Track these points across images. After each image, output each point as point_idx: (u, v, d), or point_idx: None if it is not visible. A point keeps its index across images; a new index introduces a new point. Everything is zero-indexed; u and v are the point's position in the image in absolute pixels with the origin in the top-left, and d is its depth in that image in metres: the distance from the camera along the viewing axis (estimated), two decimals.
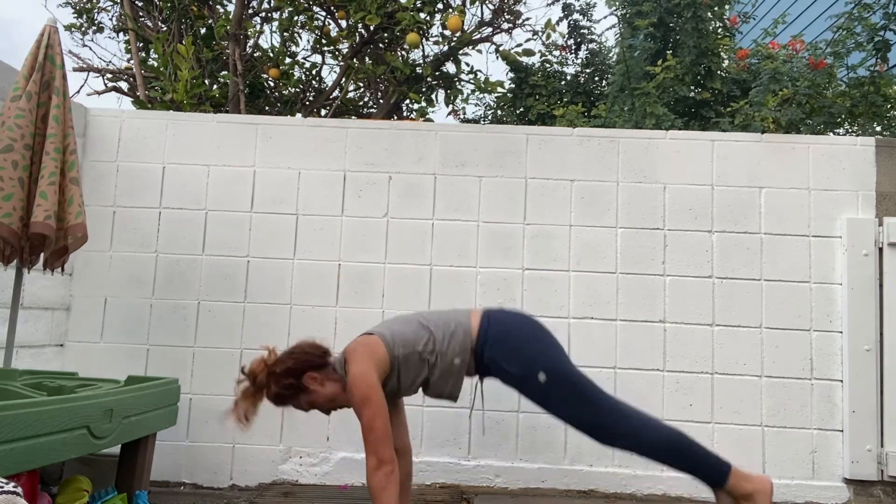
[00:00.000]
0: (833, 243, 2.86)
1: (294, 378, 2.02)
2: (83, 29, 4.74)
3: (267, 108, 4.65)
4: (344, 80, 4.36)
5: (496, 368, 2.04)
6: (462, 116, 5.19)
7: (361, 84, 4.88)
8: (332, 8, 4.20)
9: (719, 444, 2.78)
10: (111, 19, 4.81)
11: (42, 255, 2.38)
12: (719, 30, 4.85)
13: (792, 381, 2.80)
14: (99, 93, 4.86)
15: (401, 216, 2.93)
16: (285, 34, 4.35)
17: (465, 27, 4.09)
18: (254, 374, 2.04)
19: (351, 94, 4.88)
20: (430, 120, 4.22)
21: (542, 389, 1.99)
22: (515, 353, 2.01)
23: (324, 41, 4.37)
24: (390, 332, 2.06)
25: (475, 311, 2.13)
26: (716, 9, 4.64)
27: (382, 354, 2.01)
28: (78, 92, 5.00)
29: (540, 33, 4.56)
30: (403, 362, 2.03)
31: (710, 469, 1.97)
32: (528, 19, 7.71)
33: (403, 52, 4.30)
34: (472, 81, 4.24)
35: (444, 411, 2.83)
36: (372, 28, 4.10)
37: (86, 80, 4.91)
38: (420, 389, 2.14)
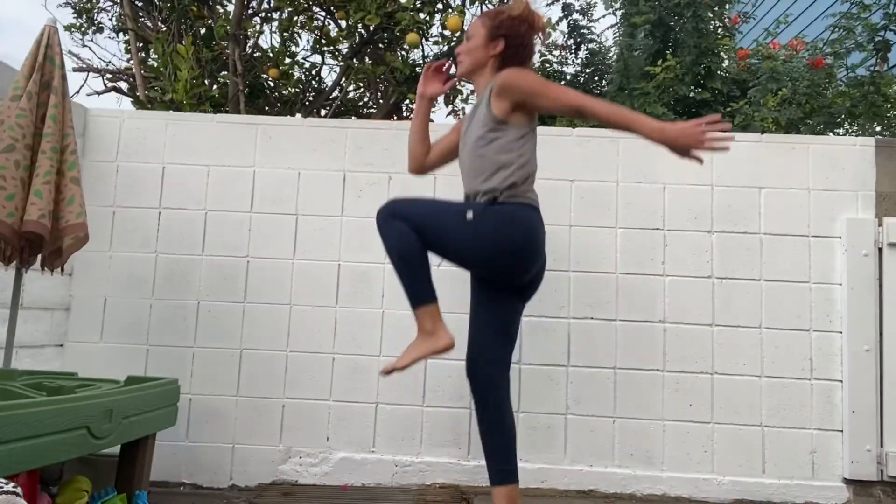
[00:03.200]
0: (833, 243, 2.86)
1: (496, 28, 2.10)
2: (83, 29, 4.74)
3: (267, 108, 4.65)
4: (344, 80, 4.36)
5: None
6: (462, 116, 5.18)
7: (361, 84, 4.87)
8: (331, 8, 4.20)
9: (719, 444, 2.78)
10: (111, 19, 4.81)
11: (40, 255, 2.38)
12: (719, 30, 4.85)
13: (792, 381, 2.80)
14: (99, 93, 4.87)
15: None
16: (285, 34, 4.34)
17: (465, 27, 4.09)
18: (505, 6, 2.13)
19: (351, 95, 4.88)
20: (430, 120, 4.21)
21: (458, 206, 2.06)
22: (496, 220, 2.00)
23: (324, 41, 4.37)
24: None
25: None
26: (716, 9, 4.63)
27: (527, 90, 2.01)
28: (77, 92, 5.01)
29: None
30: (519, 125, 2.06)
31: (414, 293, 2.02)
32: None
33: (403, 53, 4.29)
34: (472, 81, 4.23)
35: (444, 411, 2.83)
36: (372, 28, 4.10)
37: (85, 80, 4.91)
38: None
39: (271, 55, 4.38)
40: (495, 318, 2.12)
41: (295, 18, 4.22)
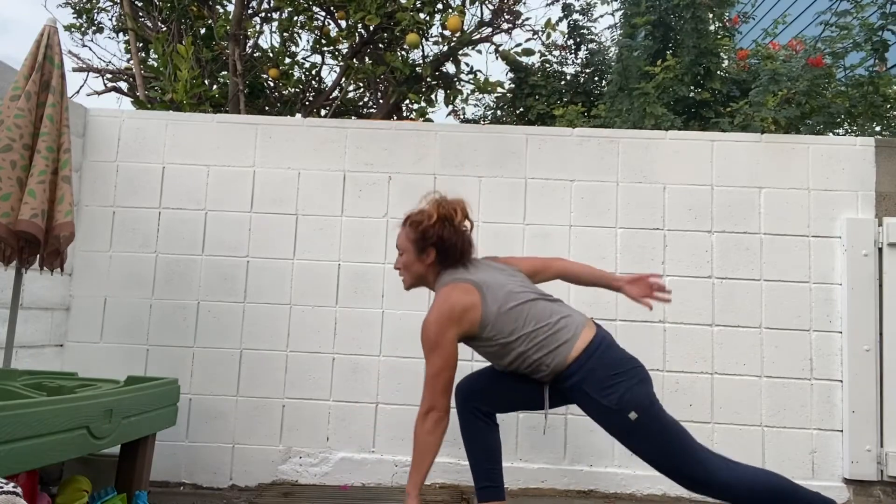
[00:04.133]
0: (833, 243, 2.86)
1: (421, 241, 2.10)
2: (83, 29, 4.75)
3: (267, 108, 4.65)
4: (344, 80, 4.36)
5: (580, 395, 2.00)
6: (462, 116, 5.18)
7: (361, 84, 4.88)
8: (331, 8, 4.20)
9: (719, 444, 2.78)
10: (111, 19, 4.82)
11: (38, 255, 2.37)
12: (719, 30, 4.85)
13: (792, 381, 2.80)
14: (99, 93, 4.87)
15: (400, 216, 2.92)
16: (285, 34, 4.35)
17: (465, 27, 4.09)
18: (422, 213, 2.13)
19: (351, 95, 4.88)
20: (429, 120, 4.22)
21: (629, 427, 1.94)
22: (608, 387, 1.94)
23: (323, 41, 4.37)
24: (498, 306, 1.99)
25: (589, 327, 2.04)
26: (716, 9, 4.64)
27: (472, 321, 1.99)
28: (77, 92, 5.02)
29: (540, 33, 4.56)
30: (488, 343, 2.03)
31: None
32: (527, 19, 7.72)
33: (403, 53, 4.29)
34: (471, 81, 4.24)
35: None
36: (372, 28, 4.10)
37: (85, 80, 4.91)
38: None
39: (271, 55, 4.38)
40: (517, 391, 2.14)
41: (295, 18, 4.22)
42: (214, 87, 4.44)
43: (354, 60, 4.25)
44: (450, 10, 4.05)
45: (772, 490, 1.89)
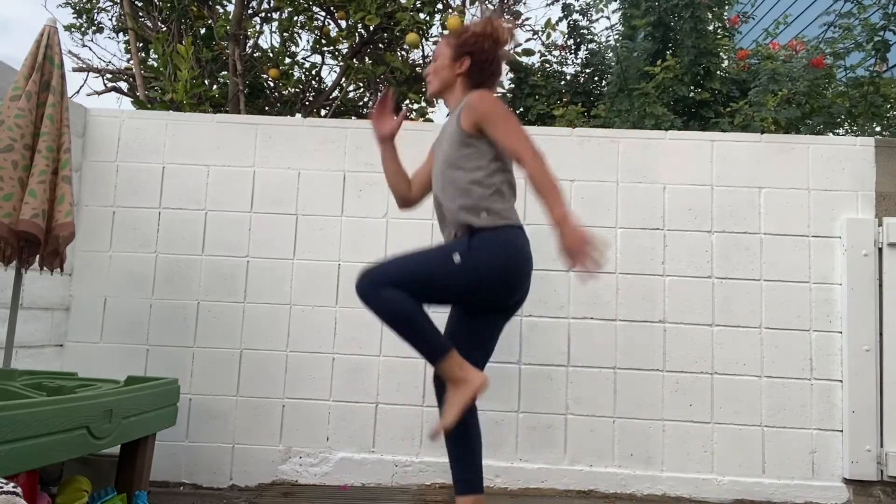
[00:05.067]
0: (833, 243, 2.86)
1: (460, 46, 2.09)
2: (83, 29, 4.74)
3: (267, 108, 4.65)
4: (344, 80, 4.36)
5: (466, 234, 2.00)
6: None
7: (361, 84, 4.88)
8: (331, 8, 4.20)
9: (719, 444, 2.78)
10: (111, 19, 4.81)
11: (38, 255, 2.37)
12: (719, 30, 4.85)
13: (791, 381, 2.80)
14: (98, 93, 4.87)
15: (401, 216, 2.93)
16: (285, 34, 4.35)
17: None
18: (469, 24, 2.13)
19: (351, 95, 4.88)
20: (429, 120, 4.21)
21: (439, 249, 1.99)
22: (483, 253, 1.96)
23: (323, 41, 4.37)
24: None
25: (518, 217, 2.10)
26: (715, 9, 4.63)
27: (502, 113, 1.99)
28: (77, 92, 5.01)
29: (540, 33, 4.56)
30: (486, 145, 2.03)
31: (430, 351, 1.95)
32: (527, 19, 7.72)
33: (403, 53, 4.30)
34: None
35: None
36: (372, 28, 4.10)
37: (85, 80, 4.91)
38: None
39: (271, 55, 4.38)
40: (477, 334, 2.10)
41: (295, 18, 4.22)
42: (214, 87, 4.44)
43: (354, 60, 4.25)
44: (450, 10, 4.06)
45: (406, 322, 1.92)
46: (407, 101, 4.46)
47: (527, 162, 1.92)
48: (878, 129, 4.36)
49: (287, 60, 4.46)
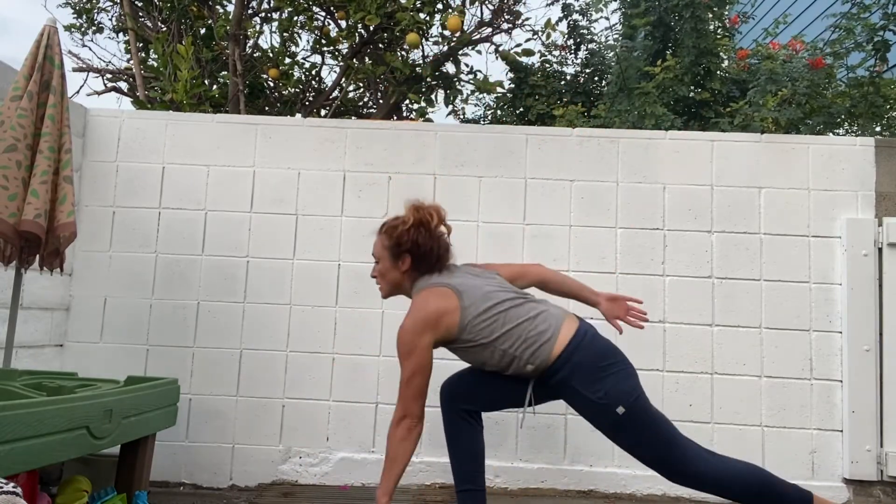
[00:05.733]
0: (833, 243, 2.86)
1: (396, 247, 2.09)
2: (83, 29, 4.75)
3: (267, 108, 4.65)
4: (344, 80, 4.36)
5: (567, 390, 1.99)
6: (462, 116, 5.18)
7: (361, 84, 4.88)
8: (331, 8, 4.20)
9: (719, 444, 2.78)
10: (111, 19, 4.81)
11: (38, 255, 2.37)
12: (719, 30, 4.85)
13: (792, 381, 2.80)
14: (99, 93, 4.87)
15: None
16: (285, 34, 4.35)
17: (465, 27, 4.09)
18: (397, 219, 2.13)
19: (351, 95, 4.88)
20: (429, 120, 4.21)
21: (616, 421, 1.93)
22: (596, 381, 1.94)
23: (323, 41, 4.37)
24: (476, 308, 1.99)
25: (571, 319, 2.04)
26: (715, 9, 4.63)
27: (450, 325, 1.99)
28: (77, 92, 5.01)
29: (540, 33, 4.56)
30: (467, 345, 2.02)
31: (794, 500, 1.92)
32: (527, 19, 7.71)
33: (403, 53, 4.29)
34: (471, 82, 4.24)
35: None
36: (372, 28, 4.10)
37: (85, 80, 4.91)
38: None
39: (271, 55, 4.38)
40: (502, 389, 2.12)
41: (295, 18, 4.22)
42: (214, 87, 4.44)
43: (354, 60, 4.25)
44: (450, 10, 4.05)
45: (754, 482, 1.91)
46: (407, 101, 4.47)
47: (392, 421, 1.97)
48: (878, 129, 4.36)
49: (287, 60, 4.46)
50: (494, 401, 2.18)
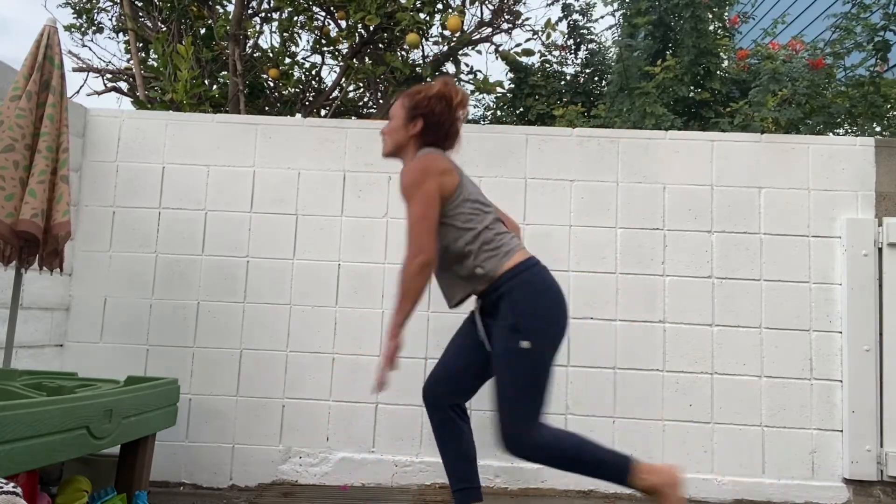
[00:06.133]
0: (833, 243, 2.86)
1: (413, 108, 2.12)
2: (83, 29, 4.74)
3: (267, 108, 4.65)
4: (344, 80, 4.36)
5: (495, 310, 2.00)
6: None
7: (361, 84, 4.88)
8: (331, 8, 4.20)
9: (719, 444, 2.78)
10: (111, 19, 4.81)
11: (38, 255, 2.37)
12: (719, 30, 4.85)
13: (791, 381, 2.80)
14: (98, 93, 4.87)
15: (400, 216, 2.93)
16: (285, 34, 4.35)
17: (465, 27, 4.09)
18: (423, 85, 2.18)
19: (351, 95, 4.88)
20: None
21: (513, 351, 1.93)
22: (523, 310, 1.95)
23: (323, 41, 4.37)
24: (468, 193, 2.06)
25: (526, 252, 2.08)
26: (715, 9, 4.63)
27: (449, 184, 2.02)
28: (77, 92, 5.01)
29: (540, 33, 4.56)
30: (445, 218, 2.03)
31: (613, 472, 1.93)
32: (527, 19, 7.72)
33: (403, 53, 4.29)
34: (471, 82, 4.24)
35: None
36: (372, 28, 4.10)
37: (85, 80, 4.91)
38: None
39: (271, 55, 4.38)
40: (479, 364, 2.13)
41: (295, 18, 4.22)
42: (214, 87, 4.44)
43: (354, 60, 4.25)
44: (450, 10, 4.05)
45: (570, 447, 1.92)
46: None
47: (405, 258, 1.97)
48: (878, 129, 4.36)
49: (287, 60, 4.46)
50: (466, 377, 2.17)
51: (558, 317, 2.00)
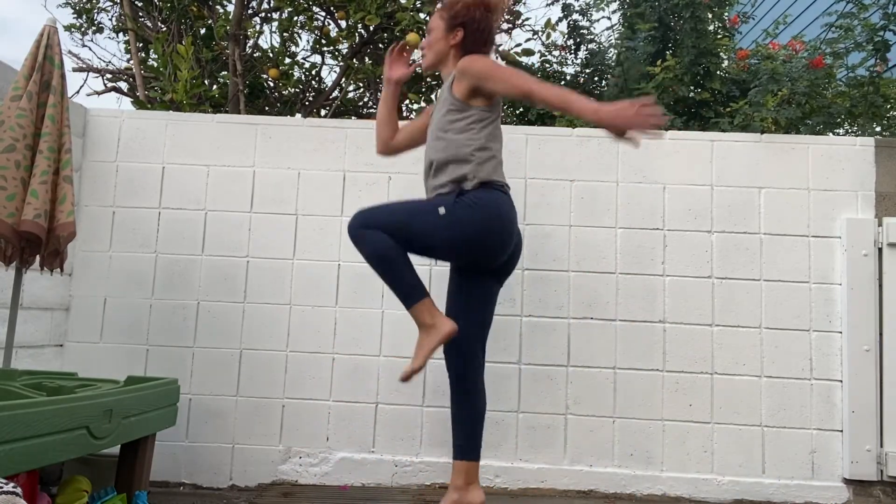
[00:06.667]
0: (832, 243, 2.86)
1: (452, 18, 2.17)
2: (83, 29, 4.74)
3: (267, 108, 4.65)
4: (344, 80, 4.36)
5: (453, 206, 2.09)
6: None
7: (361, 84, 4.87)
8: (331, 8, 4.20)
9: (718, 444, 2.78)
10: (111, 19, 4.81)
11: (38, 255, 2.38)
12: (719, 30, 4.85)
13: (791, 381, 2.80)
14: (98, 93, 4.86)
15: None
16: (285, 34, 4.34)
17: None
18: None
19: (351, 95, 4.88)
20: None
21: (427, 202, 2.11)
22: (467, 210, 2.06)
23: (323, 41, 4.37)
24: (498, 109, 2.18)
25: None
26: (715, 9, 4.63)
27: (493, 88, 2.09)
28: (77, 92, 5.01)
29: (540, 33, 4.56)
30: (486, 107, 2.13)
31: (405, 293, 2.08)
32: (527, 19, 7.72)
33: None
34: None
35: (444, 411, 2.82)
36: (371, 28, 4.10)
37: (85, 80, 4.90)
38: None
39: (271, 55, 4.38)
40: (471, 297, 2.22)
41: (295, 18, 4.22)
42: (214, 87, 4.44)
43: (354, 60, 4.24)
44: None
45: (387, 255, 2.04)
46: (407, 101, 4.46)
47: (536, 92, 1.99)
48: (878, 129, 4.36)
49: (287, 60, 4.45)
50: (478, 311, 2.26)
51: (485, 236, 2.08)
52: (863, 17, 3.80)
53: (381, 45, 4.35)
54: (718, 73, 4.36)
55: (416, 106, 4.25)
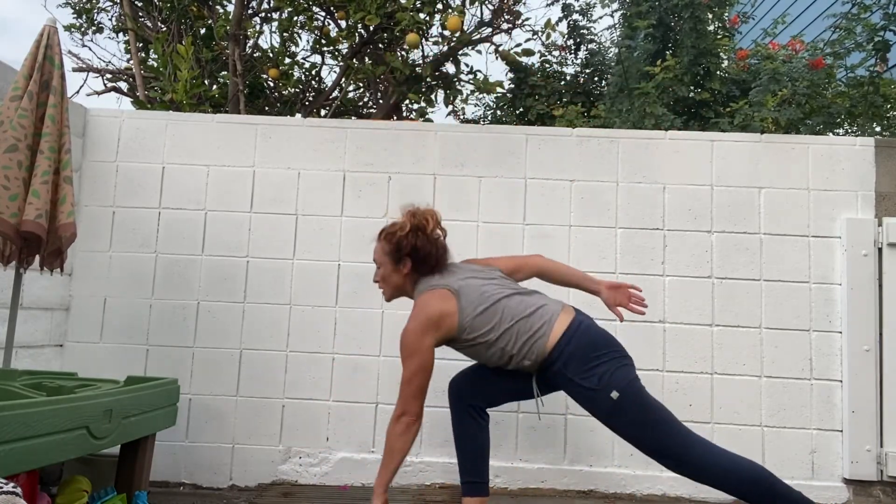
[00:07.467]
0: (832, 243, 2.86)
1: (396, 252, 2.16)
2: (83, 29, 4.74)
3: (267, 108, 4.65)
4: (343, 80, 4.36)
5: (563, 380, 2.04)
6: (462, 117, 5.18)
7: (361, 84, 4.88)
8: (331, 8, 4.20)
9: (719, 444, 2.77)
10: (111, 19, 4.81)
11: (38, 255, 2.37)
12: (718, 30, 4.85)
13: (791, 381, 2.80)
14: (98, 93, 4.87)
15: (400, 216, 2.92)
16: (285, 34, 4.34)
17: (465, 27, 4.09)
18: (395, 225, 2.20)
19: (351, 95, 4.88)
20: (429, 120, 4.21)
21: (612, 407, 1.98)
22: (589, 369, 1.99)
23: (323, 41, 4.37)
24: (473, 309, 2.05)
25: (566, 312, 2.09)
26: (715, 9, 4.63)
27: (450, 326, 2.06)
28: (77, 92, 5.01)
29: (539, 33, 4.56)
30: (468, 343, 2.09)
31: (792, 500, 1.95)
32: (527, 19, 7.72)
33: (403, 53, 4.29)
34: (471, 82, 4.23)
35: (444, 411, 2.82)
36: (371, 28, 4.10)
37: (85, 80, 4.91)
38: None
39: (271, 55, 4.38)
40: (518, 390, 2.22)
41: (295, 18, 4.22)
42: (214, 87, 4.44)
43: (354, 60, 4.25)
44: (450, 10, 4.05)
45: (752, 479, 1.93)
46: (407, 101, 4.47)
47: (392, 417, 2.04)
48: (878, 129, 4.36)
49: (287, 60, 4.46)
50: (502, 395, 2.27)
51: (616, 353, 2.04)
52: (863, 17, 3.80)
53: (381, 45, 4.36)
54: (718, 73, 4.37)
55: (416, 106, 4.25)
